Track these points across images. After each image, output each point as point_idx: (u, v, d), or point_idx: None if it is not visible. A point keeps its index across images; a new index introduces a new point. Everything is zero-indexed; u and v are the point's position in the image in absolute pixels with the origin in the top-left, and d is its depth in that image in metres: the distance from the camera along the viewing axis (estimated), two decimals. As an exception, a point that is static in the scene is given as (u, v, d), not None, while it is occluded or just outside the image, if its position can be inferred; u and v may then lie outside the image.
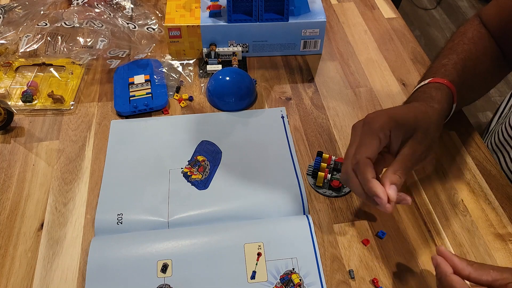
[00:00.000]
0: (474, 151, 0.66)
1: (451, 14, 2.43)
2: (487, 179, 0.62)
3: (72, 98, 0.72)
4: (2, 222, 0.57)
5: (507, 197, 0.60)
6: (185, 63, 0.78)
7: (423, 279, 0.52)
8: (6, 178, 0.62)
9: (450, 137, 0.67)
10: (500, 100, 1.95)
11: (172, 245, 0.53)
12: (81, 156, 0.64)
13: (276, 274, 0.51)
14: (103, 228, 0.55)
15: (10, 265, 0.53)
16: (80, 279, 0.52)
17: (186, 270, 0.51)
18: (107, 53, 0.78)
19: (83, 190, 0.60)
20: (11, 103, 0.70)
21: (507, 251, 0.54)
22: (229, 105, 0.70)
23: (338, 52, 0.82)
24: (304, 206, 0.58)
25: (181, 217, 0.56)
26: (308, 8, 0.77)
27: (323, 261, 0.53)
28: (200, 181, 0.60)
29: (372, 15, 0.91)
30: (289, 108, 0.71)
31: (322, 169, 0.60)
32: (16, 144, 0.66)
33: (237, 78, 0.71)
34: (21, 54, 0.77)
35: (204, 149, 0.64)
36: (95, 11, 0.80)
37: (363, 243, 0.55)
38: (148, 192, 0.59)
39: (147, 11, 0.85)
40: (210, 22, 0.75)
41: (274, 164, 0.63)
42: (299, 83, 0.76)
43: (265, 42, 0.78)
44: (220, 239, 0.54)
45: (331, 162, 0.62)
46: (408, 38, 0.86)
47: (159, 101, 0.70)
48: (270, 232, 0.55)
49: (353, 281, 0.52)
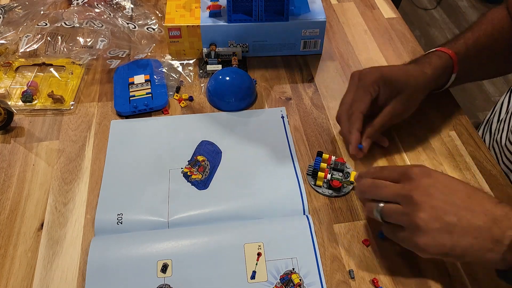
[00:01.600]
0: (474, 151, 0.66)
1: (451, 14, 2.43)
2: (487, 179, 0.62)
3: (72, 98, 0.72)
4: (2, 222, 0.57)
5: (507, 197, 0.60)
6: (185, 63, 0.78)
7: (423, 279, 0.52)
8: (6, 178, 0.62)
9: (450, 137, 0.67)
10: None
11: (172, 245, 0.53)
12: (81, 156, 0.64)
13: (276, 274, 0.51)
14: (103, 228, 0.55)
15: (10, 265, 0.53)
16: (80, 279, 0.52)
17: (186, 270, 0.51)
18: (107, 53, 0.78)
19: (83, 190, 0.60)
20: (11, 103, 0.70)
21: (507, 251, 0.54)
22: (229, 105, 0.70)
23: (338, 52, 0.82)
24: (304, 206, 0.58)
25: (181, 217, 0.56)
26: (308, 8, 0.77)
27: (323, 261, 0.53)
28: (200, 181, 0.60)
29: (372, 15, 0.91)
30: (289, 108, 0.71)
31: (322, 169, 0.60)
32: (16, 144, 0.66)
33: (237, 78, 0.71)
34: (21, 54, 0.77)
35: (204, 149, 0.64)
36: (95, 11, 0.80)
37: (363, 243, 0.55)
38: (148, 192, 0.59)
39: (147, 11, 0.85)
40: (210, 22, 0.75)
41: (274, 164, 0.63)
42: (299, 83, 0.76)
43: (265, 42, 0.78)
44: (220, 239, 0.54)
45: (331, 162, 0.62)
46: (408, 38, 0.86)
47: (159, 101, 0.70)
48: (270, 232, 0.55)
49: (353, 281, 0.52)
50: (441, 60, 0.64)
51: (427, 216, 0.45)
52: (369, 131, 0.60)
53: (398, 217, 0.48)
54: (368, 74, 0.60)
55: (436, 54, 0.65)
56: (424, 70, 0.62)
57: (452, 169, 0.63)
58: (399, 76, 0.60)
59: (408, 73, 0.61)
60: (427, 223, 0.45)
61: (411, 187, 0.47)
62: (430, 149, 0.66)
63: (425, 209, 0.45)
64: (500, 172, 0.63)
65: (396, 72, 0.61)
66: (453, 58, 0.64)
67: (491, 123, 0.81)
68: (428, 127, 0.69)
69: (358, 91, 0.61)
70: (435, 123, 0.70)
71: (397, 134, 0.67)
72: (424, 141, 0.67)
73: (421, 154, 0.65)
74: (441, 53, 0.64)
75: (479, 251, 0.44)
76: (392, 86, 0.60)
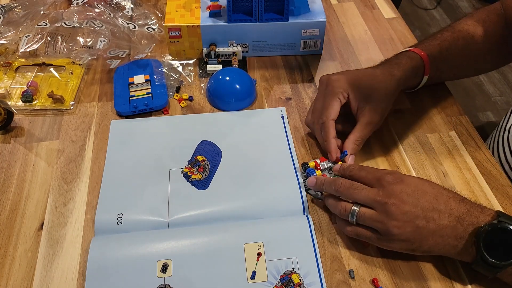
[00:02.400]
0: (474, 151, 0.66)
1: (451, 14, 2.42)
2: (487, 179, 0.62)
3: (72, 98, 0.72)
4: (2, 222, 0.57)
5: (507, 197, 0.60)
6: (185, 63, 0.78)
7: (423, 279, 0.52)
8: (6, 178, 0.62)
9: (450, 137, 0.67)
10: (500, 100, 1.95)
11: (172, 245, 0.53)
12: (81, 156, 0.64)
13: (276, 274, 0.51)
14: (103, 228, 0.55)
15: (10, 265, 0.53)
16: (80, 279, 0.52)
17: (186, 270, 0.51)
18: (107, 53, 0.78)
19: (83, 190, 0.60)
20: (11, 103, 0.70)
21: (507, 251, 0.54)
22: (229, 105, 0.70)
23: (338, 52, 0.82)
24: (304, 206, 0.58)
25: (181, 217, 0.56)
26: (308, 8, 0.77)
27: (323, 261, 0.53)
28: (200, 181, 0.60)
29: (372, 15, 0.91)
30: (289, 108, 0.71)
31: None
32: (16, 144, 0.66)
33: (237, 78, 0.71)
34: (21, 54, 0.77)
35: (204, 149, 0.64)
36: (95, 11, 0.80)
37: (363, 243, 0.55)
38: (148, 192, 0.59)
39: (147, 11, 0.85)
40: (210, 22, 0.75)
41: (274, 164, 0.63)
42: (299, 83, 0.76)
43: (265, 42, 0.78)
44: (220, 239, 0.54)
45: (319, 165, 0.61)
46: (408, 38, 0.86)
47: (159, 101, 0.70)
48: (270, 232, 0.55)
49: (353, 281, 0.52)
50: (412, 61, 0.64)
51: (399, 223, 0.49)
52: (353, 148, 0.60)
53: (372, 223, 0.51)
54: (335, 81, 0.60)
55: (407, 54, 0.64)
56: (392, 72, 0.62)
57: (452, 169, 0.63)
58: (367, 81, 0.60)
59: (376, 78, 0.61)
60: (399, 228, 0.49)
61: (385, 194, 0.50)
62: (430, 149, 0.66)
63: (397, 217, 0.49)
64: (500, 172, 0.63)
65: (363, 77, 0.61)
66: (424, 60, 0.64)
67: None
68: (428, 127, 0.69)
69: (326, 98, 0.61)
70: (435, 123, 0.70)
71: (397, 133, 0.67)
72: (424, 141, 0.67)
73: (421, 154, 0.65)
74: (413, 54, 0.64)
75: (444, 247, 0.49)
76: (361, 92, 0.60)
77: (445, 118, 0.70)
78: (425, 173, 0.63)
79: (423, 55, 0.64)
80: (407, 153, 0.65)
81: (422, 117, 0.69)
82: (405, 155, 0.65)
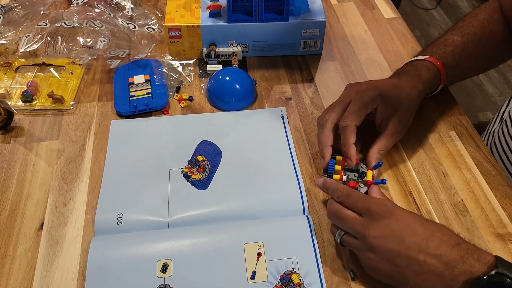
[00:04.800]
0: (474, 151, 0.66)
1: (451, 14, 2.42)
2: (487, 179, 0.62)
3: (72, 98, 0.72)
4: (2, 222, 0.57)
5: (507, 197, 0.60)
6: (185, 63, 0.78)
7: (423, 279, 0.52)
8: (6, 178, 0.62)
9: (450, 137, 0.67)
10: (500, 100, 1.95)
11: (172, 245, 0.53)
12: (81, 156, 0.64)
13: (276, 274, 0.51)
14: (103, 228, 0.55)
15: (10, 265, 0.53)
16: (80, 279, 0.52)
17: (186, 270, 0.51)
18: (107, 53, 0.78)
19: (83, 190, 0.60)
20: (11, 103, 0.70)
21: (507, 251, 0.54)
22: (229, 105, 0.70)
23: (338, 52, 0.82)
24: (304, 206, 0.58)
25: (181, 217, 0.56)
26: (308, 8, 0.77)
27: (323, 261, 0.53)
28: (200, 181, 0.60)
29: (372, 15, 0.91)
30: (289, 108, 0.71)
31: (336, 171, 0.59)
32: (16, 144, 0.66)
33: (237, 78, 0.71)
34: (21, 54, 0.77)
35: (204, 149, 0.64)
36: (95, 11, 0.81)
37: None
38: (148, 192, 0.59)
39: (147, 11, 0.85)
40: (210, 22, 0.75)
41: (274, 164, 0.63)
42: (299, 83, 0.76)
43: (265, 42, 0.78)
44: (220, 239, 0.54)
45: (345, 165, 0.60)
46: (408, 38, 0.86)
47: (159, 101, 0.70)
48: (270, 232, 0.55)
49: (353, 281, 0.52)
50: (430, 73, 0.64)
51: (378, 259, 0.48)
52: (377, 158, 0.60)
53: (354, 250, 0.51)
54: (367, 91, 0.60)
55: (425, 65, 0.64)
56: (415, 85, 0.62)
57: (452, 169, 0.63)
58: (395, 93, 0.60)
59: (403, 90, 0.61)
60: (378, 263, 0.48)
61: (370, 227, 0.49)
62: (430, 149, 0.66)
63: (378, 252, 0.48)
64: (500, 172, 0.63)
65: (392, 89, 0.61)
66: (441, 70, 0.65)
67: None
68: (428, 127, 0.69)
69: (355, 105, 0.59)
70: (435, 123, 0.70)
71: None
72: (424, 141, 0.67)
73: (421, 154, 0.65)
74: (430, 65, 0.64)
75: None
76: (389, 104, 0.60)
77: (445, 118, 0.70)
78: (425, 173, 0.63)
79: (439, 65, 0.64)
80: (407, 153, 0.65)
81: (422, 117, 0.69)
82: (405, 155, 0.65)
